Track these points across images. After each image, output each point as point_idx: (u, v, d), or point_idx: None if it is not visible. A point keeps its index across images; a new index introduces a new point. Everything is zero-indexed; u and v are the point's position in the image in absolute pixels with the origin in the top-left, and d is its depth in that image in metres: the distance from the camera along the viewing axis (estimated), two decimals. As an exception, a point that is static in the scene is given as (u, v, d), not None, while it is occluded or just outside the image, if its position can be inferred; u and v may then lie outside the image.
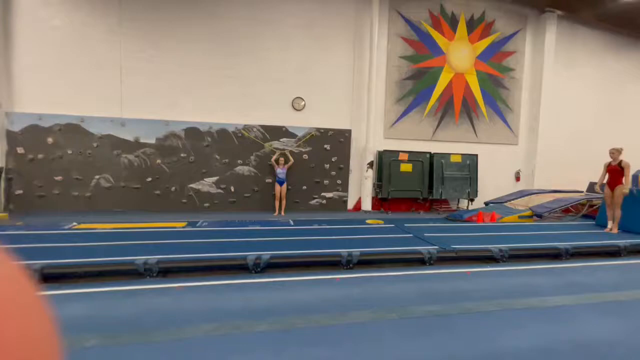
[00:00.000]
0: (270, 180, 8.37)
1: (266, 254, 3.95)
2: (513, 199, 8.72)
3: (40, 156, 7.38)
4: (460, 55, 9.61)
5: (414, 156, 9.04)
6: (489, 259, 4.57)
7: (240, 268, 3.84)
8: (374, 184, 9.08)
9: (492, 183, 9.87)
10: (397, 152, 8.95)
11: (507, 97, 10.12)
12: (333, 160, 8.77)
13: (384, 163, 8.84)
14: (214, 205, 8.20)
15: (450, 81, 9.60)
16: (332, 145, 8.73)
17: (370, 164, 8.96)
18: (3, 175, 7.13)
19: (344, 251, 4.16)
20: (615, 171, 5.91)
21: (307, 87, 8.70)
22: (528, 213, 7.46)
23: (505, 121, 10.14)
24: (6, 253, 0.28)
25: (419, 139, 9.49)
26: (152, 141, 7.88)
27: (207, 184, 8.18)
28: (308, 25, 8.60)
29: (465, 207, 9.51)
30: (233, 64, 8.26)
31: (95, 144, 7.62)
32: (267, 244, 4.70)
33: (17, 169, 7.27)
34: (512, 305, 3.10)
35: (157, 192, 7.94)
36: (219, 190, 8.23)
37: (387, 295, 3.27)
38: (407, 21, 9.20)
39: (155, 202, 7.92)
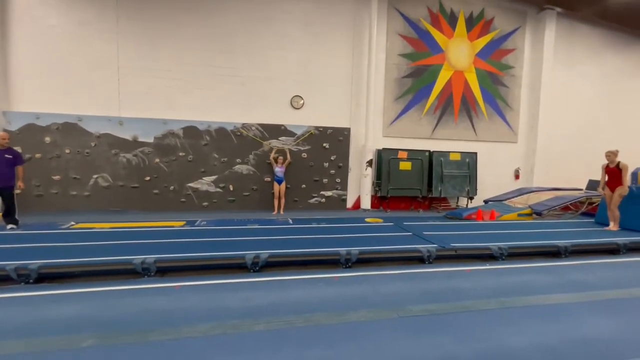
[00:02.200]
0: (269, 179, 8.34)
1: (265, 253, 3.94)
2: (512, 197, 8.71)
3: (37, 155, 7.35)
4: (460, 53, 9.58)
5: (413, 154, 9.02)
6: (488, 257, 4.56)
7: (239, 267, 3.82)
8: (373, 183, 9.07)
9: (491, 181, 9.87)
10: (396, 150, 8.93)
11: (507, 95, 10.10)
12: (332, 158, 8.75)
13: (383, 161, 8.82)
14: (213, 204, 8.18)
15: (449, 79, 9.58)
16: (331, 143, 8.71)
17: (370, 163, 8.95)
18: None
19: (342, 250, 4.15)
20: (613, 173, 5.93)
21: (305, 85, 8.67)
22: (527, 211, 7.46)
23: (504, 119, 10.13)
24: None
25: (418, 137, 9.48)
26: (151, 140, 7.85)
27: (205, 183, 8.16)
28: (306, 23, 8.56)
29: (465, 205, 9.50)
30: (231, 62, 8.23)
31: (93, 143, 7.59)
32: (266, 242, 4.68)
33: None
34: (511, 304, 3.09)
35: (156, 191, 7.92)
36: (218, 189, 8.21)
37: (387, 294, 3.26)
38: (406, 19, 9.16)
39: (153, 201, 7.90)
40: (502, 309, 2.98)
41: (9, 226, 5.46)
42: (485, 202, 8.91)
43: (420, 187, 9.07)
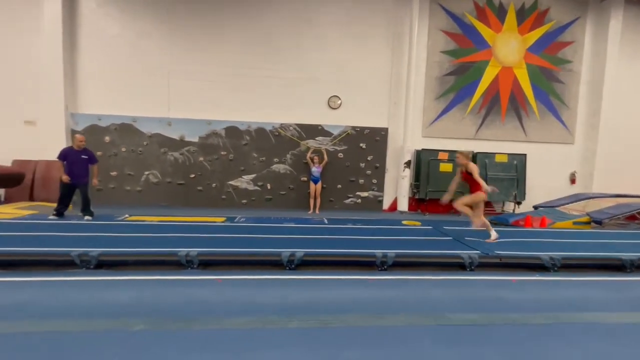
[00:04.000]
0: (305, 179, 8.45)
1: (300, 251, 3.98)
2: (567, 203, 7.99)
3: (99, 153, 8.07)
4: (509, 48, 8.98)
5: (454, 155, 8.60)
6: (538, 267, 4.22)
7: (275, 264, 3.91)
8: (411, 184, 8.81)
9: (542, 185, 9.12)
10: (437, 151, 8.60)
11: (562, 92, 9.28)
12: (369, 159, 8.64)
13: (422, 162, 8.53)
14: (251, 202, 8.46)
15: (496, 76, 9.02)
16: (368, 143, 8.60)
17: (408, 164, 8.70)
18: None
19: (378, 252, 4.07)
20: (466, 178, 5.14)
21: (343, 85, 8.66)
22: (585, 219, 6.79)
23: (559, 118, 9.32)
24: None
25: (460, 137, 9.04)
26: (196, 139, 8.31)
27: (245, 181, 8.47)
28: (346, 23, 8.54)
29: (512, 211, 8.89)
30: (271, 64, 8.45)
31: (145, 142, 8.21)
32: (301, 241, 4.74)
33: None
34: (564, 319, 2.83)
35: (199, 188, 8.36)
36: (256, 188, 8.48)
37: (424, 299, 3.15)
38: (450, 14, 8.78)
39: (197, 198, 8.36)
40: (553, 325, 2.74)
41: (86, 217, 6.04)
42: (535, 207, 8.25)
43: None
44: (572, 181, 9.51)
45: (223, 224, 6.00)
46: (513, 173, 8.73)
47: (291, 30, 8.46)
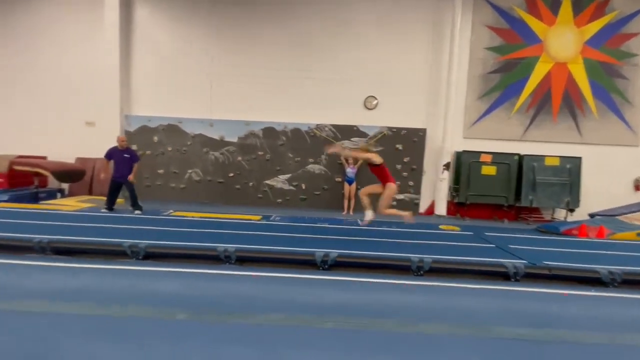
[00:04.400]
0: (339, 179, 8.44)
1: (334, 252, 3.98)
2: (630, 212, 7.18)
3: (148, 152, 8.72)
4: (563, 42, 8.29)
5: (498, 157, 8.13)
6: (593, 281, 3.84)
7: (308, 263, 3.94)
8: (450, 187, 8.45)
9: (600, 192, 8.29)
10: (479, 152, 8.17)
11: (626, 89, 8.38)
12: (405, 160, 8.43)
13: (463, 164, 8.15)
14: (286, 201, 8.62)
15: (548, 72, 8.37)
16: (405, 144, 8.39)
17: (447, 166, 8.36)
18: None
19: (414, 256, 3.96)
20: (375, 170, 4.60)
21: (380, 85, 8.53)
22: (651, 230, 6.08)
23: (621, 117, 8.43)
24: None
25: (505, 138, 8.51)
26: (235, 140, 8.64)
27: (280, 181, 8.65)
28: (384, 22, 8.41)
29: (563, 219, 8.19)
30: (308, 65, 8.55)
31: (189, 142, 8.69)
32: (335, 241, 4.74)
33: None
34: (625, 341, 2.55)
35: (237, 186, 8.69)
36: (291, 187, 8.62)
37: (463, 308, 3.00)
38: (496, 8, 8.30)
39: (235, 196, 8.68)
40: (613, 346, 2.48)
41: (136, 212, 6.53)
42: (591, 216, 7.52)
43: (506, 194, 8.13)
44: (637, 187, 8.54)
45: (259, 222, 6.17)
46: (565, 178, 8.04)
47: (327, 30, 8.50)
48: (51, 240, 4.05)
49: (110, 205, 6.57)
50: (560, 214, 8.40)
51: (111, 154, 6.48)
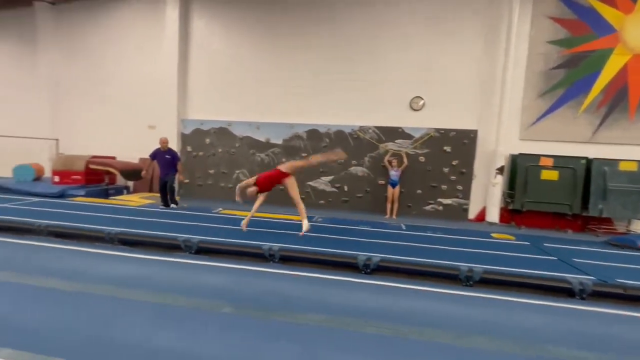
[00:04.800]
0: (382, 182, 8.28)
1: (376, 256, 3.92)
2: None
3: (200, 153, 9.33)
4: (644, 31, 7.29)
5: (561, 161, 7.38)
6: (681, 305, 3.32)
7: (350, 266, 3.92)
8: (503, 193, 7.86)
9: (691, 202, 7.14)
10: (538, 156, 7.49)
11: None
12: (454, 163, 8.02)
13: (519, 169, 7.53)
14: (328, 203, 8.66)
15: (624, 65, 7.42)
16: (454, 147, 7.98)
17: (501, 170, 7.78)
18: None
19: (463, 265, 3.74)
20: None
21: (427, 85, 8.22)
22: None
23: None
24: None
25: (570, 140, 7.70)
26: (280, 142, 8.90)
27: (323, 183, 8.72)
28: (430, 20, 8.09)
29: (641, 231, 7.19)
30: (352, 67, 8.52)
31: (237, 144, 9.14)
32: (377, 245, 4.66)
33: (186, 163, 9.38)
34: None
35: (281, 187, 8.89)
36: (334, 189, 8.65)
37: (517, 325, 2.77)
38: (561, -3, 7.55)
39: (279, 196, 8.90)
40: None
41: (172, 205, 7.19)
42: (679, 229, 6.51)
43: (570, 202, 7.35)
44: None
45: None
46: (645, 185, 7.04)
47: (371, 32, 8.39)
48: (119, 232, 4.52)
49: (165, 202, 7.15)
50: (638, 226, 7.37)
51: (155, 155, 7.08)
